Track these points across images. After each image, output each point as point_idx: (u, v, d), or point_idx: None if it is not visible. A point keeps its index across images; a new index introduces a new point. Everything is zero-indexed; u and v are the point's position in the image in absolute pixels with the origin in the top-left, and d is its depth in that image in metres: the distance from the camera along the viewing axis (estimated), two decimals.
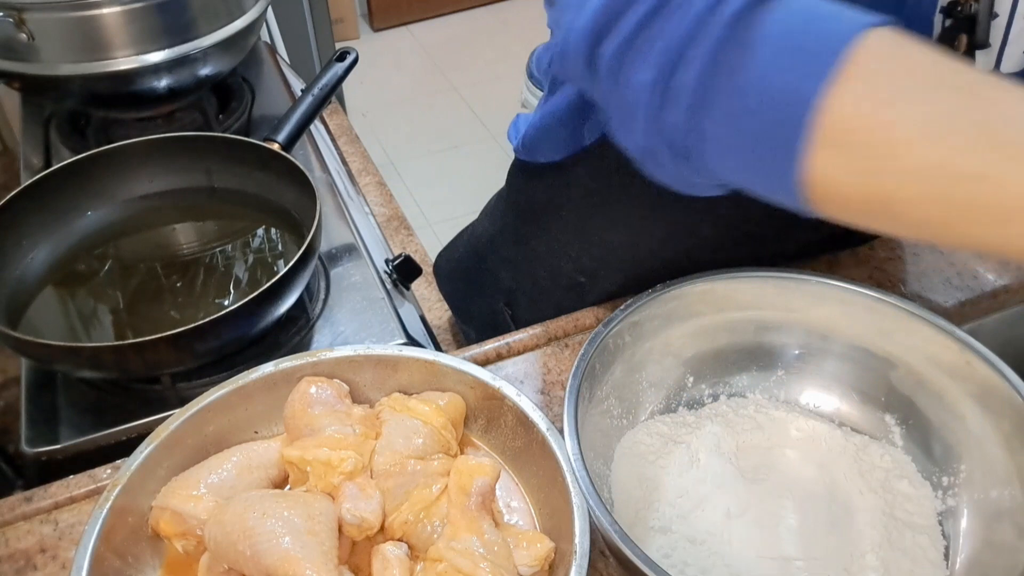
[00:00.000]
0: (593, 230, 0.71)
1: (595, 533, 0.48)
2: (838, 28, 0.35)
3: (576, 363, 0.53)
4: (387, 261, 0.90)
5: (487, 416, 0.57)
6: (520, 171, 0.79)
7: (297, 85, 1.19)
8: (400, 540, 0.50)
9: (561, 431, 0.50)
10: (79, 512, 0.57)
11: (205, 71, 0.94)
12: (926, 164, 0.33)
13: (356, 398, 0.58)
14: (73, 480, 0.59)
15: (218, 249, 0.80)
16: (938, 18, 0.48)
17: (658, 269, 0.67)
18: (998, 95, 0.33)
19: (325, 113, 1.30)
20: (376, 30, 3.18)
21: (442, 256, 0.97)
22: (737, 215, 0.63)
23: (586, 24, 0.41)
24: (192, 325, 0.61)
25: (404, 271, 0.89)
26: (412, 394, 0.57)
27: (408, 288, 0.92)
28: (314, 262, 0.72)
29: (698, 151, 0.40)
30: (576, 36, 0.42)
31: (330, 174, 0.99)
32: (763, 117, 0.37)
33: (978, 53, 0.48)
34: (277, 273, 0.66)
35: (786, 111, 0.36)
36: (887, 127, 0.34)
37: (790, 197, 0.38)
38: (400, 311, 0.79)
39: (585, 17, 0.41)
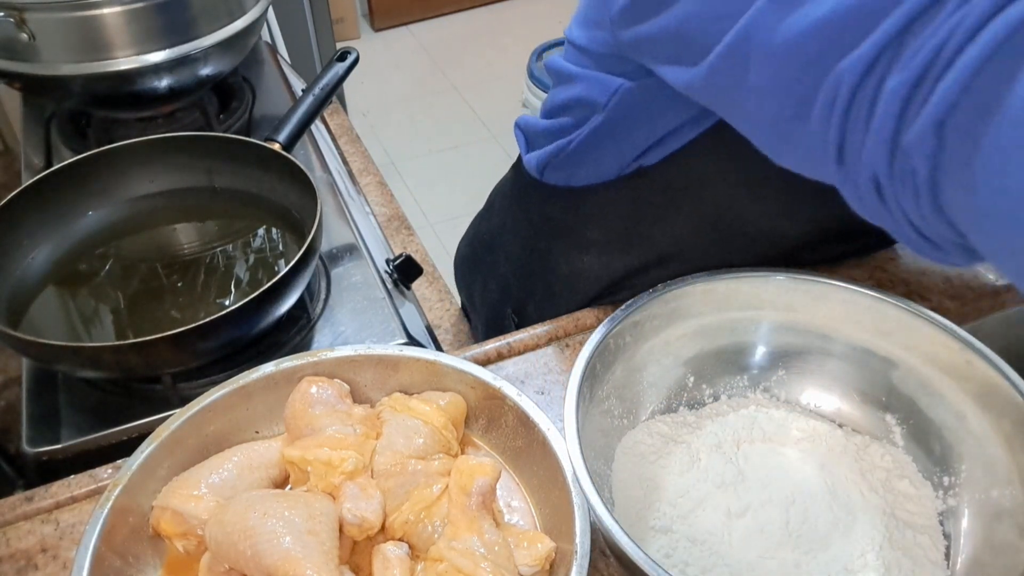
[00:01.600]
0: (623, 252, 0.69)
1: (596, 533, 0.48)
2: None
3: (577, 363, 0.53)
4: (388, 261, 0.90)
5: (488, 416, 0.57)
6: (534, 188, 0.75)
7: (298, 85, 1.19)
8: (401, 540, 0.50)
9: (562, 431, 0.51)
10: (80, 512, 0.57)
11: (206, 71, 0.94)
12: None
13: (357, 398, 0.58)
14: (74, 480, 0.59)
15: (219, 249, 0.80)
16: None
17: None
18: None
19: (326, 113, 1.30)
20: (377, 30, 3.18)
21: (462, 243, 0.96)
22: (773, 235, 0.63)
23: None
24: (193, 325, 0.61)
25: (405, 271, 0.89)
26: (413, 394, 0.57)
27: (409, 288, 0.92)
28: (315, 262, 0.72)
29: (930, 187, 0.34)
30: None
31: (331, 174, 0.99)
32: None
33: None
34: (278, 273, 0.66)
35: None
36: None
37: None
38: (401, 311, 0.79)
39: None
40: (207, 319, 0.62)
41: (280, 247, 0.80)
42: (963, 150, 0.31)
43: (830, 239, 0.68)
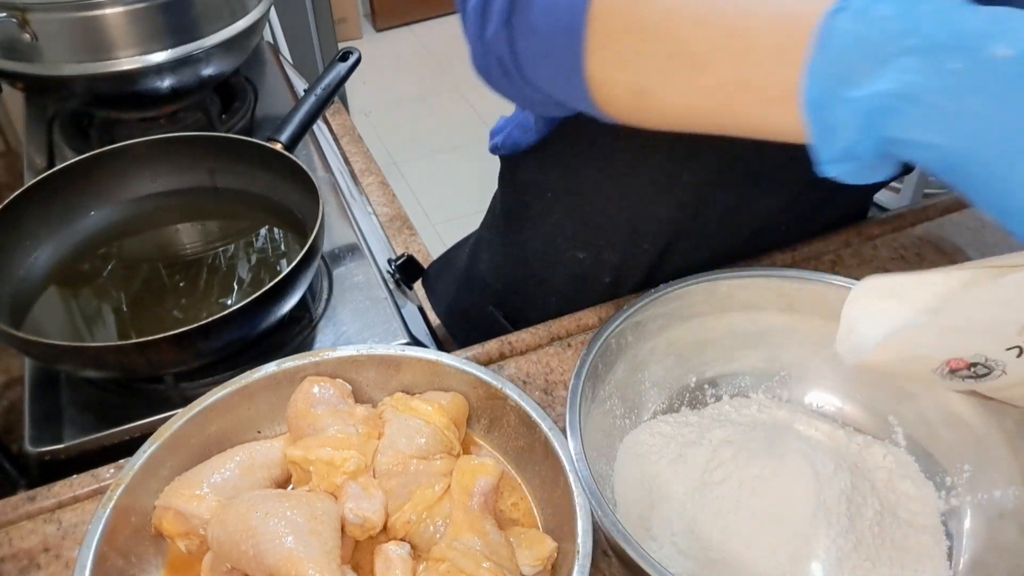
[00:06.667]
0: (582, 200, 0.71)
1: (598, 533, 0.48)
2: None
3: (579, 363, 0.53)
4: (390, 261, 0.90)
5: (490, 416, 0.57)
6: (504, 172, 0.80)
7: (300, 85, 1.20)
8: (403, 540, 0.50)
9: (564, 431, 0.51)
10: (82, 511, 0.57)
11: (208, 71, 0.94)
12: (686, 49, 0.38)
13: (359, 398, 0.58)
14: (76, 479, 0.59)
15: (221, 249, 0.80)
16: None
17: (651, 228, 0.67)
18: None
19: (328, 113, 1.30)
20: (379, 30, 3.19)
21: (432, 276, 0.98)
22: (718, 159, 0.64)
23: None
24: (195, 325, 0.62)
25: (407, 271, 0.90)
26: (415, 394, 0.57)
27: (411, 288, 0.93)
28: (317, 262, 0.72)
29: (516, 64, 0.48)
30: None
31: (333, 174, 0.99)
32: (551, 26, 0.44)
33: None
34: (280, 273, 0.66)
35: (566, 18, 0.43)
36: (644, 15, 0.39)
37: (583, 99, 0.45)
38: (403, 311, 0.79)
39: None
40: (209, 319, 0.62)
41: (282, 247, 0.80)
42: (521, 30, 0.46)
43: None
